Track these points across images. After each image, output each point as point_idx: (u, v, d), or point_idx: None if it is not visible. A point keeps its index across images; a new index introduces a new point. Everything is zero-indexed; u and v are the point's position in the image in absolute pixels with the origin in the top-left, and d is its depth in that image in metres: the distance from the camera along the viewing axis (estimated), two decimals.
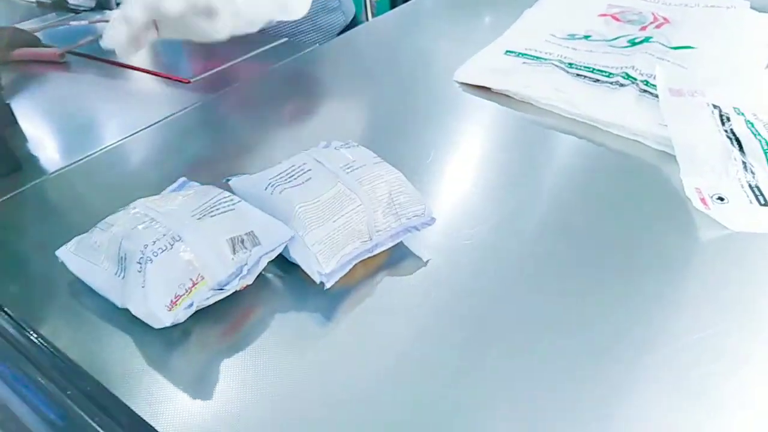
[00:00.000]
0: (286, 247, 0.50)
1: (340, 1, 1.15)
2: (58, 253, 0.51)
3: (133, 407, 0.41)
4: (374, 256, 0.52)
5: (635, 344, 0.45)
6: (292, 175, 0.53)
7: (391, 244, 0.53)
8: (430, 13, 1.13)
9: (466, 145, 0.72)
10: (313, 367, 0.45)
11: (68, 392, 0.42)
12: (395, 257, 0.53)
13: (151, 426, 0.40)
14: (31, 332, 0.48)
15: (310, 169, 0.53)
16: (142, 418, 0.40)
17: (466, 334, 0.47)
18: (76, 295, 0.51)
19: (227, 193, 0.52)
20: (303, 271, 0.50)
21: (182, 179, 0.59)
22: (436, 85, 0.82)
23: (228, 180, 0.56)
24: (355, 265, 0.51)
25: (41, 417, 0.45)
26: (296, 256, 0.50)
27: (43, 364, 0.45)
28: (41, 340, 0.47)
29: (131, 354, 0.46)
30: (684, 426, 0.40)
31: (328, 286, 0.48)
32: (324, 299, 0.50)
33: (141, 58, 0.97)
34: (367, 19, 2.15)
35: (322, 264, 0.48)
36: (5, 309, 0.51)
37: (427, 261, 0.53)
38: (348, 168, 0.53)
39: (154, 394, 0.43)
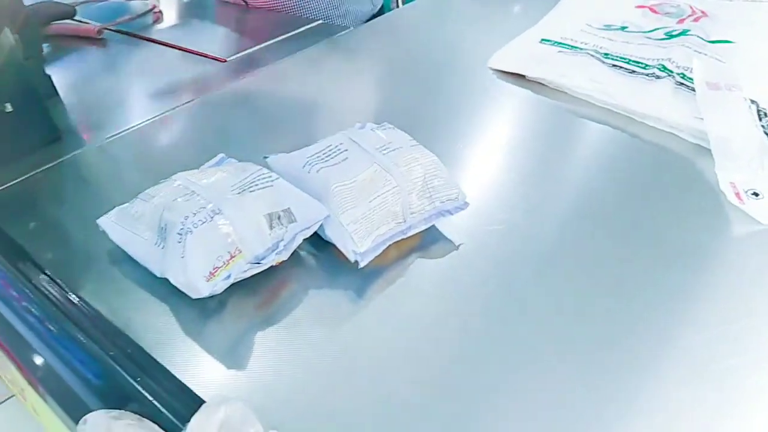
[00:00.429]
0: (321, 225, 0.51)
1: None
2: (99, 221, 0.52)
3: (172, 371, 0.43)
4: (407, 237, 0.53)
5: (660, 335, 0.46)
6: (329, 155, 0.54)
7: (424, 227, 0.53)
8: (460, 1, 1.12)
9: (500, 132, 0.72)
10: (343, 342, 0.46)
11: (111, 353, 0.43)
12: (427, 240, 0.54)
13: (191, 390, 0.41)
14: (73, 295, 0.50)
15: (346, 149, 0.54)
16: (181, 381, 0.42)
17: (493, 318, 0.47)
18: (115, 263, 0.53)
19: (266, 170, 0.53)
20: (336, 249, 0.51)
21: (221, 155, 0.60)
22: (470, 72, 0.83)
23: (266, 157, 0.57)
24: (388, 245, 0.52)
25: (82, 376, 0.46)
26: (331, 234, 0.51)
27: (86, 326, 0.47)
28: (83, 303, 0.49)
29: (168, 322, 0.47)
30: (704, 417, 0.40)
31: (362, 264, 0.49)
32: (356, 278, 0.50)
33: (178, 35, 0.99)
34: (397, 6, 2.14)
35: (357, 243, 0.49)
36: (47, 272, 0.52)
37: (459, 245, 0.54)
38: (384, 149, 0.54)
39: (190, 361, 0.44)
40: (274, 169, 0.55)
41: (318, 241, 0.53)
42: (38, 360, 0.50)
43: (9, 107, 0.64)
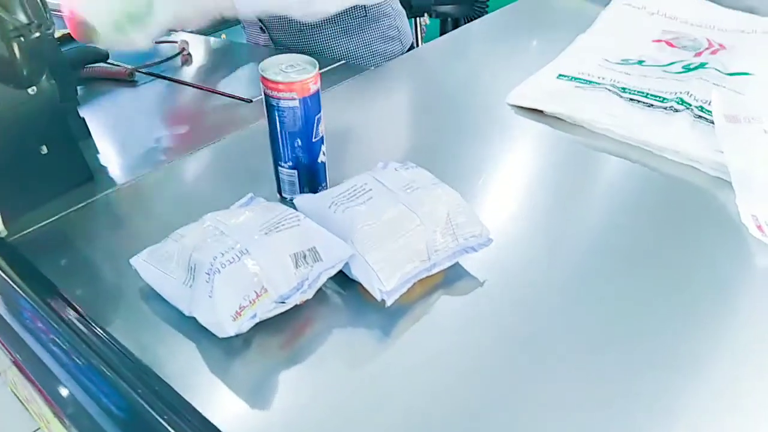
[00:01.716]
0: (347, 264, 0.52)
1: (398, 30, 1.18)
2: (131, 261, 0.54)
3: (198, 408, 0.43)
4: (431, 275, 0.53)
5: (683, 369, 0.45)
6: (354, 195, 0.55)
7: (448, 264, 0.54)
8: (478, 39, 1.15)
9: (519, 167, 0.73)
10: (368, 381, 0.46)
11: (138, 390, 0.44)
12: (451, 276, 0.55)
13: (216, 427, 0.42)
14: (101, 331, 0.51)
15: (371, 189, 0.55)
16: (208, 419, 0.42)
17: (521, 353, 0.48)
18: (144, 301, 0.54)
19: (292, 210, 0.54)
20: (361, 287, 0.52)
21: (250, 195, 0.61)
22: (489, 108, 0.84)
23: (292, 198, 0.59)
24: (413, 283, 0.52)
25: (108, 411, 0.47)
26: (357, 273, 0.51)
27: (113, 362, 0.48)
28: (111, 339, 0.50)
29: (195, 359, 0.48)
30: None
31: (389, 303, 0.50)
32: (381, 316, 0.51)
33: (205, 77, 1.02)
34: (417, 45, 2.19)
35: (384, 282, 0.50)
36: (77, 307, 0.54)
37: (484, 281, 0.54)
38: (408, 188, 0.55)
39: (216, 398, 0.45)
40: (300, 210, 0.56)
41: (343, 280, 0.53)
42: (65, 393, 0.51)
43: (45, 149, 0.67)
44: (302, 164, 0.63)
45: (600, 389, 0.44)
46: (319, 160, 0.64)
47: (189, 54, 1.12)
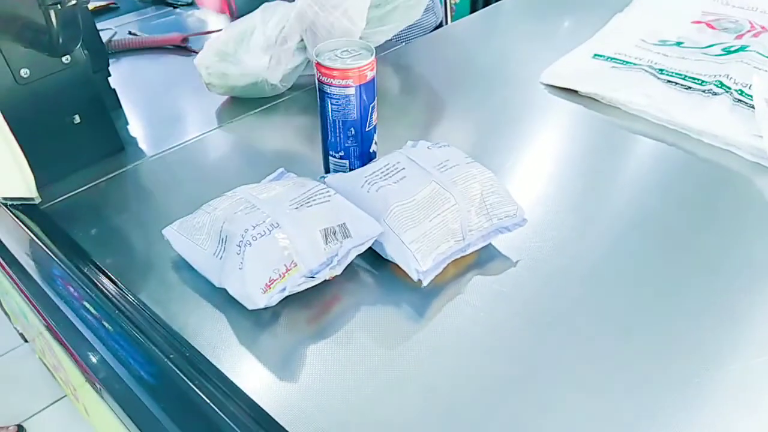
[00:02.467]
0: (381, 244, 0.51)
1: (433, 2, 1.17)
2: (164, 231, 0.55)
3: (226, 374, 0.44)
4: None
5: (712, 357, 0.45)
6: (387, 173, 0.54)
7: (482, 245, 0.53)
8: (510, 17, 1.13)
9: (552, 147, 0.72)
10: (395, 359, 0.46)
11: (170, 356, 0.45)
12: (484, 257, 0.54)
13: (245, 393, 0.42)
14: (132, 296, 0.52)
15: (404, 168, 0.54)
16: (237, 386, 0.43)
17: (549, 335, 0.47)
18: (174, 271, 0.55)
19: (323, 186, 0.54)
20: (390, 265, 0.52)
21: (281, 170, 0.61)
22: (522, 86, 0.83)
23: (323, 177, 0.57)
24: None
25: (140, 377, 0.48)
26: (393, 253, 0.51)
27: (145, 328, 0.48)
28: (143, 306, 0.51)
29: (224, 330, 0.49)
30: None
31: (425, 283, 0.49)
32: (411, 294, 0.51)
33: None
34: (447, 23, 2.16)
35: (420, 262, 0.49)
36: (109, 274, 0.55)
37: (517, 261, 0.53)
38: (442, 167, 0.54)
39: (244, 367, 0.46)
40: (331, 188, 0.55)
41: (372, 257, 0.53)
42: (96, 358, 0.52)
43: (77, 118, 0.67)
44: (355, 154, 0.61)
45: (627, 373, 0.44)
46: (372, 149, 0.62)
47: None
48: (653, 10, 0.97)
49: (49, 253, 0.58)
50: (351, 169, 0.61)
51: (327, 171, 0.63)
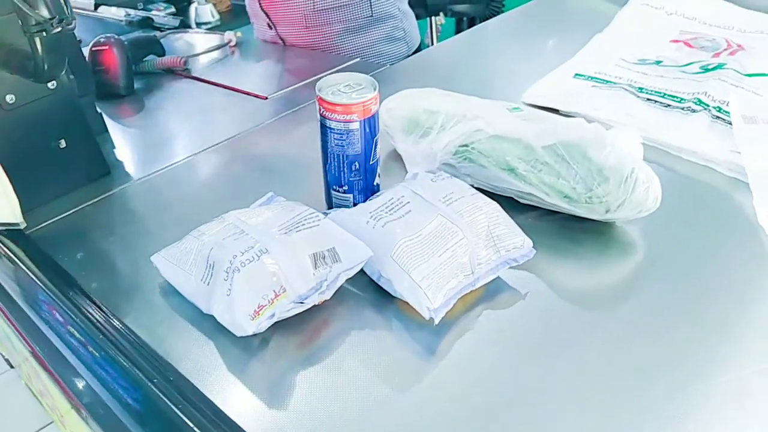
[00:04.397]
0: (389, 282, 0.50)
1: (405, 32, 1.18)
2: (152, 258, 0.54)
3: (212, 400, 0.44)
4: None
5: (698, 370, 0.45)
6: (392, 208, 0.53)
7: (491, 278, 0.52)
8: (493, 38, 1.14)
9: None
10: (384, 384, 0.46)
11: (154, 380, 0.45)
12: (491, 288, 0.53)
13: (231, 419, 0.42)
14: (118, 322, 0.52)
15: (409, 201, 0.53)
16: (221, 410, 0.43)
17: (555, 366, 0.46)
18: (161, 296, 0.55)
19: (312, 210, 0.54)
20: (379, 289, 0.52)
21: (270, 194, 0.61)
22: None
23: (326, 213, 0.56)
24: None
25: (125, 402, 0.48)
26: (403, 291, 0.49)
27: (130, 353, 0.48)
28: (127, 331, 0.51)
29: (212, 357, 0.48)
30: None
31: (437, 321, 0.48)
32: (402, 319, 0.50)
33: (221, 75, 1.02)
34: (432, 44, 2.18)
35: (431, 299, 0.48)
36: (94, 299, 0.55)
37: (526, 294, 0.53)
38: (447, 200, 0.53)
39: (231, 394, 0.45)
40: (335, 223, 0.54)
41: (361, 281, 0.53)
42: (81, 384, 0.52)
43: (63, 143, 0.68)
44: (358, 188, 0.60)
45: (614, 390, 0.44)
46: (375, 183, 0.61)
47: (236, 46, 1.14)
48: (632, 29, 0.99)
49: (35, 278, 0.58)
50: (354, 204, 0.60)
51: (330, 206, 0.62)
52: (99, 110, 0.83)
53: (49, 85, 0.65)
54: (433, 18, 2.12)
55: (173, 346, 0.49)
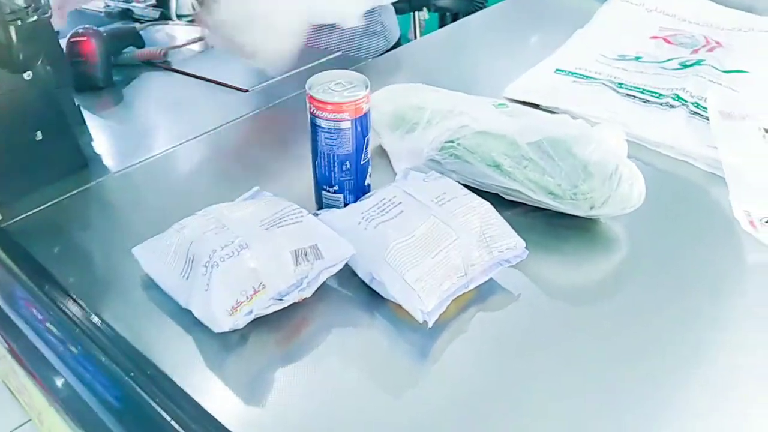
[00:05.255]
0: (382, 284, 0.50)
1: (383, 26, 1.17)
2: (134, 250, 0.54)
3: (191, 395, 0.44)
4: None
5: (676, 362, 0.46)
6: (384, 209, 0.52)
7: (484, 279, 0.52)
8: (476, 33, 1.15)
9: None
10: (363, 382, 0.46)
11: (131, 374, 0.44)
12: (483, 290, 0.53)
13: (210, 414, 0.42)
14: (96, 317, 0.51)
15: (401, 202, 0.53)
16: (200, 405, 0.43)
17: (547, 366, 0.46)
18: (140, 290, 0.54)
19: (296, 206, 0.53)
20: (362, 287, 0.52)
21: (255, 188, 0.60)
22: None
23: (317, 214, 0.56)
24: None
25: (102, 398, 0.47)
26: (395, 293, 0.49)
27: (108, 348, 0.48)
28: (105, 325, 0.50)
29: (190, 352, 0.48)
30: None
31: (431, 324, 0.47)
32: (384, 316, 0.50)
33: (201, 68, 1.01)
34: (415, 38, 2.18)
35: (425, 302, 0.47)
36: (72, 294, 0.54)
37: (519, 295, 0.52)
38: (439, 200, 0.53)
39: (209, 389, 0.45)
40: (325, 224, 0.53)
41: (344, 278, 0.53)
42: (60, 381, 0.51)
43: (39, 135, 0.66)
44: (349, 188, 0.59)
45: (597, 383, 0.45)
46: (366, 182, 0.61)
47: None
48: (613, 25, 1.00)
49: (10, 273, 0.57)
50: (345, 204, 0.60)
51: (320, 206, 0.61)
52: (77, 102, 0.82)
53: (25, 75, 0.64)
54: (416, 13, 2.12)
55: (152, 341, 0.49)
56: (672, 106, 0.75)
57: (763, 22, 0.96)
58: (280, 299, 0.48)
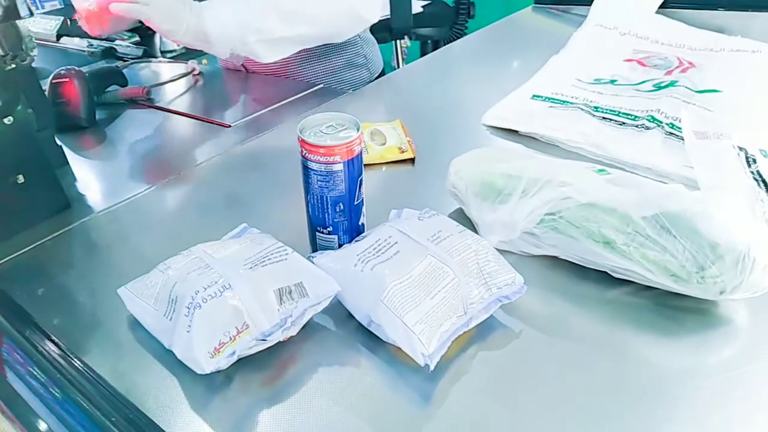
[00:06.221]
0: (381, 327, 0.49)
1: (366, 58, 1.19)
2: (119, 291, 0.54)
3: None
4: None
5: (652, 381, 0.46)
6: (380, 249, 0.52)
7: (484, 317, 0.51)
8: (458, 60, 1.17)
9: None
10: (353, 422, 0.45)
11: (112, 419, 0.44)
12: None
13: None
14: (77, 361, 0.51)
15: (396, 242, 0.52)
16: None
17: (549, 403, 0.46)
18: (123, 332, 0.54)
19: (281, 243, 0.53)
20: (349, 324, 0.51)
21: (243, 225, 0.60)
22: (465, 128, 0.85)
23: (311, 257, 0.55)
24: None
25: None
26: (395, 337, 0.48)
27: (88, 392, 0.47)
28: (87, 369, 0.50)
29: (174, 394, 0.48)
30: None
31: (432, 367, 0.46)
32: (372, 355, 0.50)
33: (185, 104, 1.02)
34: (398, 66, 2.21)
35: (426, 344, 0.46)
36: (53, 338, 0.54)
37: (520, 331, 0.51)
38: (435, 238, 0.52)
39: (193, 431, 0.45)
40: (321, 268, 0.53)
41: (330, 315, 0.52)
42: (43, 427, 0.51)
43: (21, 178, 0.67)
44: (343, 228, 0.59)
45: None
46: (361, 222, 0.60)
47: (200, 74, 1.14)
48: (588, 50, 1.02)
49: None
50: (340, 244, 0.59)
51: (314, 248, 0.61)
52: (59, 143, 0.82)
53: (5, 120, 0.64)
54: (398, 41, 2.15)
55: (136, 382, 0.49)
56: (648, 128, 0.76)
57: (733, 42, 0.98)
58: (264, 339, 0.48)
